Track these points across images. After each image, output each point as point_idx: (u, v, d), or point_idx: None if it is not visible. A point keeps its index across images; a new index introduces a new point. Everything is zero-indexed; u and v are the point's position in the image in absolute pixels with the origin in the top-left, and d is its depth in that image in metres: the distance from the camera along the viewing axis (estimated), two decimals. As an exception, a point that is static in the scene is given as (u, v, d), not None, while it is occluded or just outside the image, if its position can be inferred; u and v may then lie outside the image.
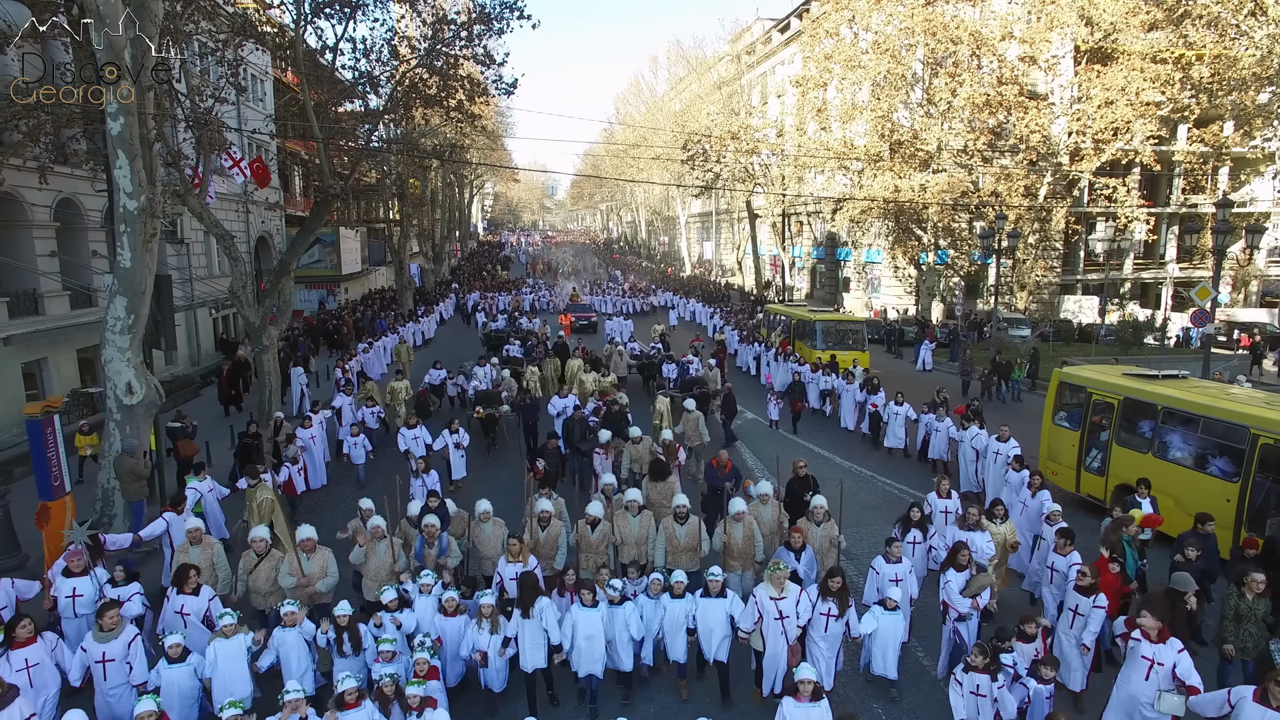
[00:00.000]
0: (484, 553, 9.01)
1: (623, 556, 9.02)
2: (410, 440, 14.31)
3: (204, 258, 28.16)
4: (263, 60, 29.85)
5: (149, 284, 11.59)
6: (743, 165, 43.29)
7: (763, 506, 9.54)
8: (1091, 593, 7.72)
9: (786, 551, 8.62)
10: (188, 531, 8.67)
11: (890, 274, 41.04)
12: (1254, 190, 38.62)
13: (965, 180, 31.85)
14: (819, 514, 9.14)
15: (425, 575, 7.94)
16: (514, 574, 7.95)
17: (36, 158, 16.26)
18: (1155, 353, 29.12)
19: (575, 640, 7.47)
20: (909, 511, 9.34)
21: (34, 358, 18.99)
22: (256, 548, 8.48)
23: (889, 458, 17.29)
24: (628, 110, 69.19)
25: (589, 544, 9.02)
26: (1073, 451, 13.95)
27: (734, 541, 8.90)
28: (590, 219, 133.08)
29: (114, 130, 10.66)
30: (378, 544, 8.55)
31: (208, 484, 11.27)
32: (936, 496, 10.45)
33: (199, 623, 7.67)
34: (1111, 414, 13.11)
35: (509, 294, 44.32)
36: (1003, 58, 31.11)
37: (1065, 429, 14.30)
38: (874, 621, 7.72)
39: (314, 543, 8.38)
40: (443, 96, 20.96)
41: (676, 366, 21.62)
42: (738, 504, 8.96)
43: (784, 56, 50.35)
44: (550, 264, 73.27)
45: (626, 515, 9.14)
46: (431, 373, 20.78)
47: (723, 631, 7.70)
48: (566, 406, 16.13)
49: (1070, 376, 14.51)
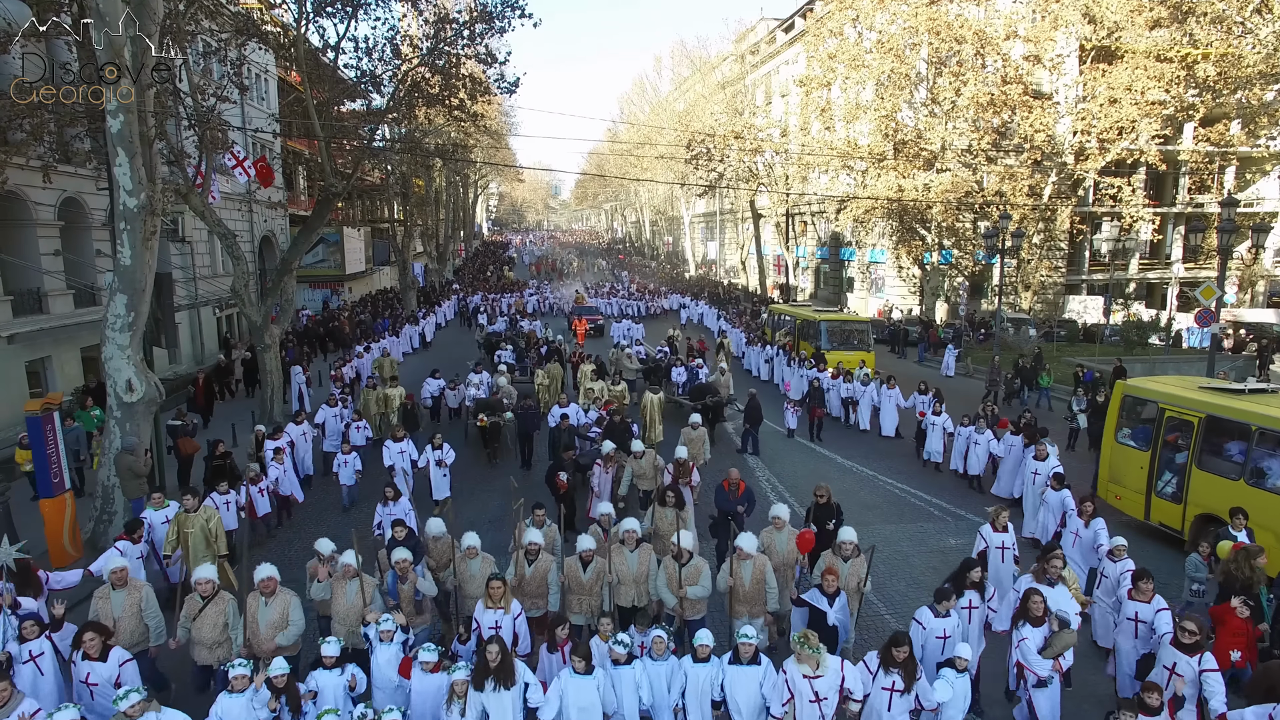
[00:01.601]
0: (469, 592, 7.85)
1: (618, 598, 7.85)
2: (395, 455, 13.13)
3: (208, 257, 28.24)
4: (266, 59, 29.94)
5: (149, 282, 11.63)
6: (747, 165, 43.24)
7: (776, 533, 8.55)
8: (1196, 651, 6.24)
9: (820, 595, 7.36)
10: (110, 573, 7.34)
11: (894, 274, 40.93)
12: (1260, 190, 38.41)
13: (969, 180, 31.76)
14: (847, 549, 7.91)
15: (384, 620, 6.72)
16: (493, 622, 6.99)
17: (40, 157, 16.33)
18: (1160, 353, 28.99)
19: (567, 713, 6.20)
20: (965, 570, 7.63)
21: (38, 356, 19.06)
22: (201, 589, 7.17)
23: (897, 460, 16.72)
24: (632, 110, 69.21)
25: (580, 584, 7.89)
26: (1141, 474, 12.33)
27: (741, 585, 7.73)
28: (595, 219, 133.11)
29: (114, 128, 10.70)
30: (347, 583, 7.43)
31: (165, 512, 9.91)
32: (991, 530, 9.09)
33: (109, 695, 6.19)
34: (1191, 433, 11.51)
35: (513, 295, 44.00)
36: (1007, 57, 31.02)
37: (1131, 448, 12.69)
38: (948, 689, 6.38)
39: (275, 584, 7.16)
40: (445, 96, 21.00)
41: (685, 371, 20.91)
42: (748, 541, 7.80)
43: (788, 56, 50.27)
44: (555, 264, 73.27)
45: (623, 550, 7.92)
46: (429, 382, 19.49)
47: (756, 704, 6.36)
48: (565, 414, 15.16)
49: (1138, 390, 12.92)
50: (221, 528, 9.54)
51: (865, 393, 19.46)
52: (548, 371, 20.03)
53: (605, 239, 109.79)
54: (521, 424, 15.82)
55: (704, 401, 17.06)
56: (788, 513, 8.71)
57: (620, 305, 43.34)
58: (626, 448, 12.56)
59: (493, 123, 46.10)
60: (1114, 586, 8.02)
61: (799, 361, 23.04)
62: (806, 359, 23.09)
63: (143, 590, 7.40)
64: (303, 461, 14.28)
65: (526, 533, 8.04)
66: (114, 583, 7.26)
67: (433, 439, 13.24)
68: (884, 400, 18.73)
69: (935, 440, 16.14)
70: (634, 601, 7.85)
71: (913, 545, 12.06)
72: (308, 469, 14.58)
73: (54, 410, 10.49)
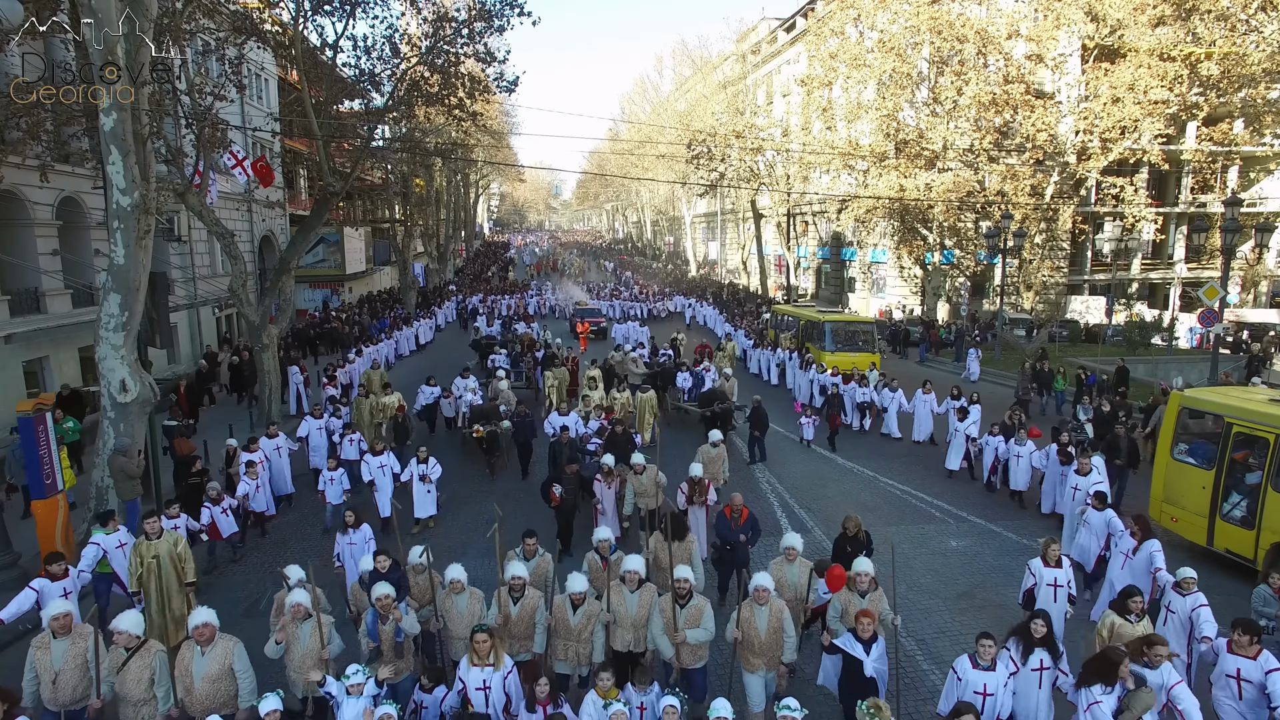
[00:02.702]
0: (455, 632, 7.01)
1: (614, 640, 6.96)
2: (375, 469, 12.21)
3: (207, 256, 28.19)
4: (264, 58, 29.88)
5: (143, 281, 11.55)
6: (748, 165, 43.13)
7: (788, 565, 7.69)
8: None
9: (854, 641, 6.51)
10: (51, 620, 6.23)
11: (896, 274, 40.81)
12: (1264, 189, 38.24)
13: (971, 179, 31.62)
14: (863, 582, 7.12)
15: (353, 671, 5.93)
16: (481, 682, 6.11)
17: (38, 156, 16.27)
18: (1162, 353, 28.85)
19: None
20: (1030, 624, 6.46)
21: (36, 356, 19.00)
22: (120, 640, 6.10)
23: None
24: (633, 109, 69.14)
25: (567, 629, 6.88)
26: (1203, 496, 11.17)
27: (754, 633, 6.70)
28: (596, 219, 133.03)
29: (106, 125, 10.63)
30: (300, 626, 6.49)
31: (118, 536, 8.97)
32: (1042, 564, 8.08)
33: None
34: (1266, 451, 10.47)
35: (513, 296, 43.47)
36: (1009, 56, 30.86)
37: (1191, 466, 11.56)
38: None
39: (212, 630, 6.16)
40: (444, 94, 20.92)
41: (691, 376, 19.83)
42: (764, 580, 6.80)
43: (789, 56, 50.17)
44: (555, 263, 73.14)
45: (623, 590, 7.00)
46: (424, 390, 18.13)
47: None
48: (565, 425, 14.23)
49: (1198, 401, 11.81)
50: (189, 552, 8.65)
51: (895, 398, 18.68)
52: (555, 373, 19.35)
53: (607, 239, 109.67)
54: (519, 433, 15.05)
55: (712, 409, 16.44)
56: (801, 543, 7.91)
57: (623, 307, 42.75)
58: (628, 460, 11.73)
59: (493, 122, 46.02)
60: (1184, 625, 7.16)
61: (805, 366, 22.28)
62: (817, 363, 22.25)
63: (90, 639, 6.22)
64: (280, 476, 13.23)
65: (509, 565, 7.14)
66: (55, 630, 6.23)
67: (418, 452, 12.44)
68: (918, 405, 18.01)
69: (958, 449, 15.39)
70: (630, 646, 6.98)
71: (913, 547, 11.94)
72: (287, 487, 13.54)
73: (46, 410, 10.40)
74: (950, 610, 9.79)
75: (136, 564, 8.34)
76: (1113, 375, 20.90)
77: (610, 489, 11.26)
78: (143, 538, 8.45)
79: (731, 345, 27.26)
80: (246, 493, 11.58)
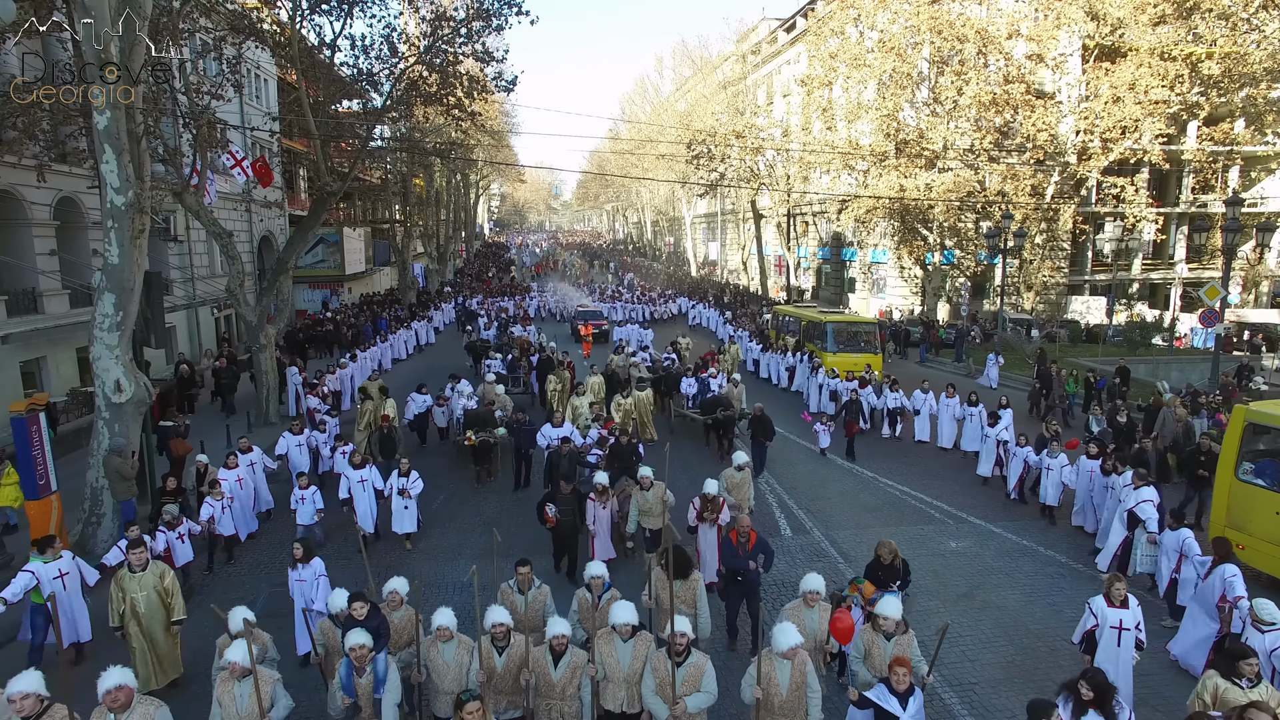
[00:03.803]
0: (441, 686, 6.10)
1: (604, 699, 6.06)
2: (354, 484, 11.34)
3: (206, 256, 28.15)
4: (263, 58, 29.83)
5: (138, 281, 11.50)
6: (747, 165, 43.08)
7: (807, 611, 6.77)
8: None
9: (887, 693, 5.76)
10: None
11: (896, 274, 40.76)
12: (1265, 189, 38.17)
13: (972, 180, 31.58)
14: (889, 625, 6.23)
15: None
16: None
17: (35, 155, 16.22)
18: (1163, 353, 28.78)
19: None
20: (1078, 683, 5.58)
21: (33, 356, 18.95)
22: (19, 708, 5.03)
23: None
24: (633, 110, 69.12)
25: (549, 684, 5.97)
26: (1276, 522, 10.19)
27: (775, 690, 5.81)
28: (596, 220, 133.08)
29: (100, 124, 10.58)
30: (235, 685, 5.58)
31: (58, 564, 8.07)
32: (1105, 604, 7.16)
33: None
34: None
35: (512, 298, 42.95)
36: (1009, 56, 30.85)
37: (1261, 489, 10.47)
38: None
39: (128, 695, 5.18)
40: (443, 94, 20.88)
41: (696, 382, 19.10)
42: (788, 635, 5.73)
43: (789, 56, 50.13)
44: (556, 264, 72.99)
45: (614, 639, 6.05)
46: (414, 398, 17.11)
47: None
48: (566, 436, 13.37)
49: (1267, 416, 10.81)
50: (177, 586, 7.86)
51: (926, 400, 18.15)
52: (559, 376, 18.92)
53: (607, 239, 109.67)
54: (516, 441, 14.27)
55: (715, 415, 16.08)
56: (823, 586, 6.89)
57: (625, 309, 41.95)
58: (633, 474, 10.81)
59: (493, 122, 45.93)
60: (1266, 668, 6.52)
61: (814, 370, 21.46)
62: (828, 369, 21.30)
63: None
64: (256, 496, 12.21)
65: (490, 610, 6.07)
66: None
67: (399, 465, 11.67)
68: (942, 410, 17.50)
69: (989, 455, 14.87)
70: (624, 706, 6.01)
71: (912, 548, 11.81)
72: (264, 504, 12.53)
73: (39, 411, 10.34)
74: (950, 612, 9.71)
75: (118, 599, 7.53)
76: (1112, 376, 20.80)
77: (605, 509, 10.39)
78: (124, 569, 7.65)
79: (734, 349, 26.28)
80: (212, 515, 10.54)
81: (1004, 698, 7.76)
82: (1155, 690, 7.85)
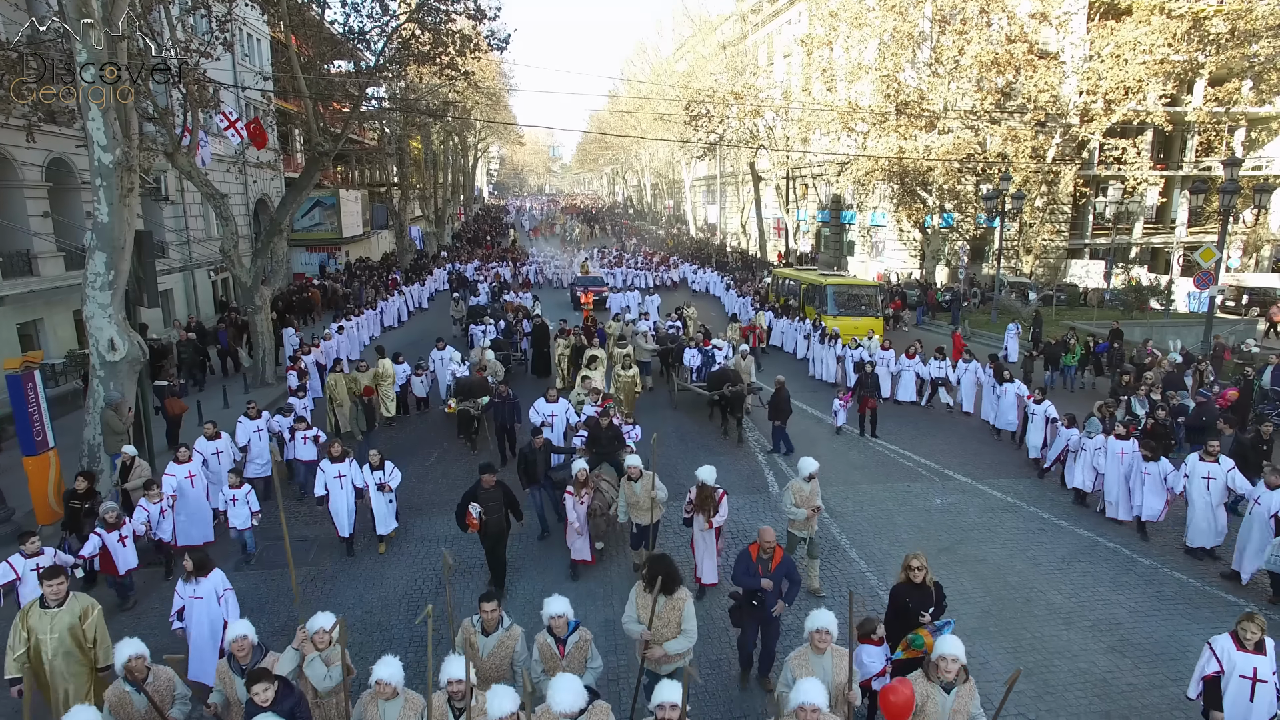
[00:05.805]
0: None
1: None
2: (331, 480, 9.88)
3: (201, 219, 28.06)
4: (253, 15, 29.40)
5: (129, 239, 11.52)
6: (747, 127, 42.59)
7: (815, 657, 5.48)
8: None
9: None
10: None
11: (895, 237, 40.55)
12: (1267, 151, 37.75)
13: (972, 141, 31.26)
14: (950, 670, 5.05)
15: None
16: None
17: (24, 115, 16.10)
18: (1159, 317, 28.77)
19: None
20: None
21: (30, 319, 19.04)
22: None
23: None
24: (633, 71, 68.15)
25: None
26: None
27: None
28: (596, 183, 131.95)
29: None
30: None
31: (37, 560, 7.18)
32: (1234, 647, 5.73)
33: None
34: None
35: (509, 263, 41.84)
36: (1012, 14, 30.33)
37: None
38: None
39: None
40: (435, 53, 20.62)
41: (701, 354, 18.02)
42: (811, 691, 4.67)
43: (790, 16, 49.27)
44: (555, 227, 72.42)
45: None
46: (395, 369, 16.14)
47: None
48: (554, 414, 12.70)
49: None
50: (103, 628, 6.14)
51: (969, 369, 17.06)
52: (569, 342, 18.52)
53: (607, 203, 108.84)
54: (498, 415, 13.54)
55: (722, 391, 15.04)
56: (836, 625, 5.54)
57: (627, 275, 40.48)
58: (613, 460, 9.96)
59: (489, 83, 45.29)
60: None
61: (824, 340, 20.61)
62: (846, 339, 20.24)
63: None
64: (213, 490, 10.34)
65: (446, 663, 4.97)
66: None
67: (370, 457, 10.25)
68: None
69: (1036, 434, 13.56)
70: None
71: (897, 504, 12.07)
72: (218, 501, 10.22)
73: (34, 368, 10.45)
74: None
75: (18, 640, 5.84)
76: (1109, 339, 20.84)
77: (584, 504, 9.22)
78: (34, 603, 5.97)
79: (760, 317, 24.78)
80: (146, 519, 8.92)
81: (978, 646, 7.96)
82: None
